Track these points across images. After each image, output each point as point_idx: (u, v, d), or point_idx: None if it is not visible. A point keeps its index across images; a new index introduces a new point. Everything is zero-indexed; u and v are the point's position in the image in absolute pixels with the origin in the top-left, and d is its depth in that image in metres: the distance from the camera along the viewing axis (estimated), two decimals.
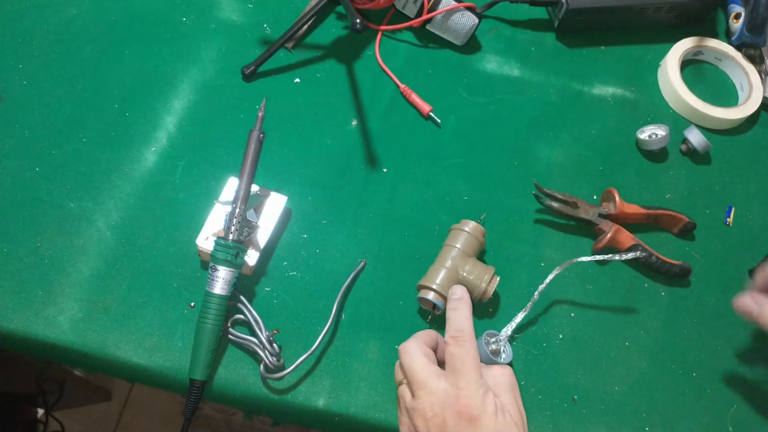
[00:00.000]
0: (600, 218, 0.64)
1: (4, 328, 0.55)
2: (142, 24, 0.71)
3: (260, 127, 0.55)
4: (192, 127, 0.66)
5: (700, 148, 0.69)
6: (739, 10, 0.78)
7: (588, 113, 0.73)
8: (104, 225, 0.60)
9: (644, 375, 0.59)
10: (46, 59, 0.67)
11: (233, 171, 0.61)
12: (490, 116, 0.71)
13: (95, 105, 0.66)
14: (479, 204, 0.66)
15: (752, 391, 0.60)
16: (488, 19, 0.78)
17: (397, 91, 0.72)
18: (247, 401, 0.56)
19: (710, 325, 0.62)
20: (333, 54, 0.73)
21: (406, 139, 0.69)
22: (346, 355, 0.57)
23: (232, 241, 0.54)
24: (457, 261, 0.57)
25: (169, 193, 0.62)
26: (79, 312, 0.56)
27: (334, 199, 0.64)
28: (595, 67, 0.76)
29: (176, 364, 0.55)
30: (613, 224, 0.63)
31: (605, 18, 0.77)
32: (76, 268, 0.58)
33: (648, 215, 0.65)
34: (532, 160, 0.69)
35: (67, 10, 0.71)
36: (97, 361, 0.55)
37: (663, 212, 0.65)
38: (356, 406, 0.55)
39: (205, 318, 0.53)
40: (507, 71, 0.75)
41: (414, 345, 0.50)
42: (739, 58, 0.77)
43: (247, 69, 0.69)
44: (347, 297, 0.60)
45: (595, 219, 0.64)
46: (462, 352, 0.48)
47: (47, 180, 0.61)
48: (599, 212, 0.64)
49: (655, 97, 0.76)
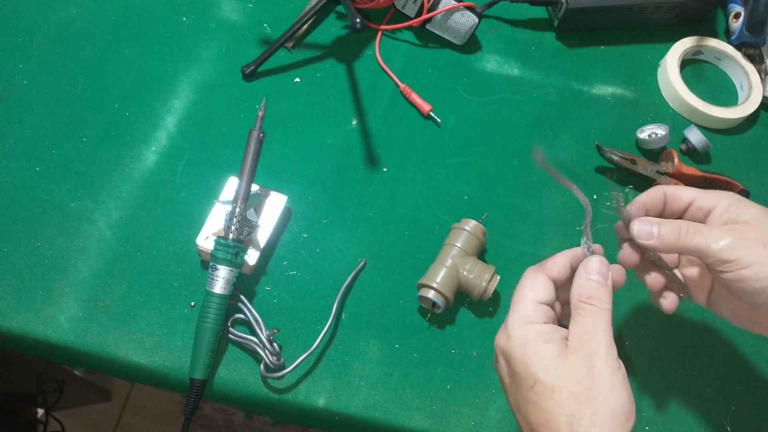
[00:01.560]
0: (658, 174, 0.66)
1: (4, 328, 0.55)
2: (142, 24, 0.71)
3: (260, 127, 0.55)
4: (192, 127, 0.66)
5: (699, 147, 0.69)
6: (739, 10, 0.78)
7: (588, 113, 0.73)
8: (104, 224, 0.60)
9: (644, 375, 0.59)
10: (46, 59, 0.67)
11: (233, 170, 0.61)
12: (490, 116, 0.72)
13: (95, 104, 0.66)
14: (479, 204, 0.66)
15: (752, 391, 0.60)
16: (488, 18, 0.78)
17: (397, 90, 0.72)
18: (247, 401, 0.56)
19: (710, 325, 0.62)
20: (333, 54, 0.73)
21: (406, 138, 0.69)
22: (346, 354, 0.57)
23: (232, 240, 0.54)
24: (458, 260, 0.57)
25: (169, 193, 0.62)
26: (79, 312, 0.56)
27: (334, 199, 0.64)
28: (595, 67, 0.77)
29: (176, 364, 0.55)
30: (672, 179, 0.65)
31: (605, 18, 0.77)
32: (76, 267, 0.58)
33: (704, 178, 0.67)
34: (532, 160, 0.69)
35: (67, 10, 0.71)
36: (97, 360, 0.55)
37: (720, 177, 0.67)
38: (356, 405, 0.55)
39: (206, 317, 0.53)
40: (507, 71, 0.75)
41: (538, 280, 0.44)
42: (738, 57, 0.77)
43: (247, 69, 0.69)
44: (347, 296, 0.60)
45: (653, 175, 0.66)
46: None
47: (47, 180, 0.61)
48: (657, 170, 0.65)
49: (655, 97, 0.76)
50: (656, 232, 0.44)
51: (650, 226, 0.44)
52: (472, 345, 0.59)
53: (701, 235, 0.42)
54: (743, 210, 0.43)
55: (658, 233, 0.44)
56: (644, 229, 0.44)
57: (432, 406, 0.56)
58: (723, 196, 0.44)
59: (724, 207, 0.44)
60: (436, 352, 0.58)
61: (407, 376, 0.57)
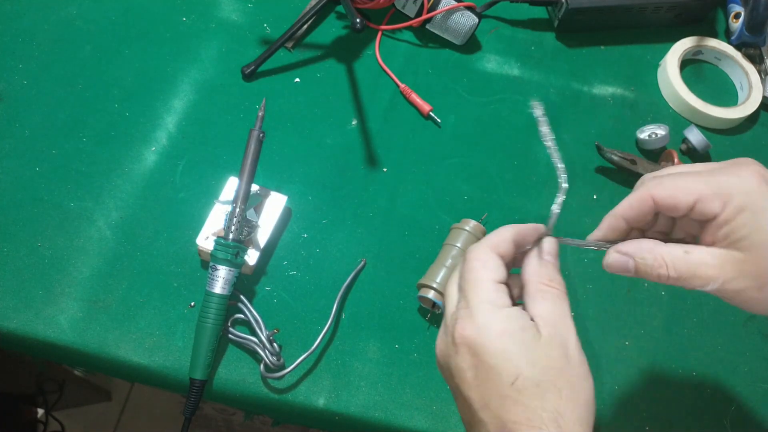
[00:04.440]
0: None
1: (4, 328, 0.55)
2: (142, 24, 0.71)
3: (260, 127, 0.55)
4: (192, 127, 0.66)
5: (699, 147, 0.69)
6: (739, 10, 0.78)
7: (588, 113, 0.73)
8: (104, 224, 0.60)
9: (644, 375, 0.59)
10: (46, 59, 0.67)
11: (233, 171, 0.61)
12: (490, 116, 0.72)
13: (95, 105, 0.66)
14: (479, 204, 0.66)
15: (752, 391, 0.60)
16: (488, 18, 0.78)
17: (397, 90, 0.72)
18: (247, 401, 0.56)
19: (710, 325, 0.62)
20: (333, 54, 0.73)
21: (406, 138, 0.69)
22: (346, 354, 0.57)
23: (232, 240, 0.54)
24: (458, 260, 0.57)
25: (169, 193, 0.62)
26: (79, 312, 0.56)
27: (334, 199, 0.64)
28: (595, 67, 0.77)
29: (176, 364, 0.55)
30: (675, 157, 0.65)
31: (605, 18, 0.77)
32: (76, 267, 0.58)
33: None
34: (532, 160, 0.69)
35: (67, 10, 0.71)
36: (97, 360, 0.55)
37: None
38: (356, 405, 0.55)
39: (206, 317, 0.53)
40: (507, 71, 0.75)
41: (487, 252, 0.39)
42: (738, 57, 0.77)
43: (247, 69, 0.69)
44: (347, 296, 0.60)
45: None
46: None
47: (47, 180, 0.61)
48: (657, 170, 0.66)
49: (655, 97, 0.76)
50: (632, 266, 0.39)
51: (626, 260, 0.39)
52: None
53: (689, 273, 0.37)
54: (751, 226, 0.36)
55: (635, 268, 0.39)
56: (619, 262, 0.39)
57: (432, 406, 0.56)
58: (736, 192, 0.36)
59: (730, 215, 0.36)
60: None
61: (407, 376, 0.57)
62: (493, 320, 0.36)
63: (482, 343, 0.36)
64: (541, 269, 0.39)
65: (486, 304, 0.37)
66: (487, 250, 0.39)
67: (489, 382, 0.36)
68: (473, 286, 0.38)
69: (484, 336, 0.36)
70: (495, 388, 0.36)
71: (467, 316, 0.37)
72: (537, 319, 0.37)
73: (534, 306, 0.38)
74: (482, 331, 0.36)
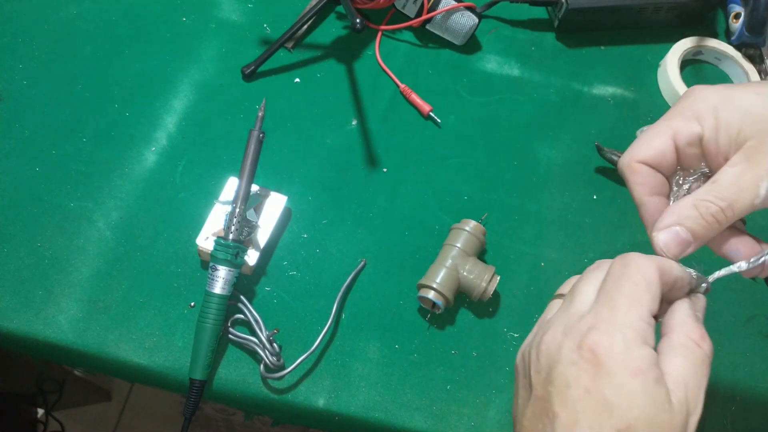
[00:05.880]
0: None
1: (4, 328, 0.55)
2: (142, 24, 0.71)
3: (260, 127, 0.55)
4: (192, 127, 0.66)
5: None
6: (739, 10, 0.78)
7: (588, 113, 0.73)
8: (104, 225, 0.60)
9: None
10: (46, 59, 0.67)
11: (233, 171, 0.61)
12: (490, 116, 0.72)
13: (95, 105, 0.66)
14: (479, 204, 0.66)
15: (752, 391, 0.60)
16: (488, 18, 0.78)
17: (397, 90, 0.72)
18: (247, 401, 0.56)
19: (710, 325, 0.62)
20: (333, 54, 0.73)
21: (406, 139, 0.69)
22: (346, 354, 0.57)
23: (232, 240, 0.54)
24: (458, 260, 0.57)
25: (169, 193, 0.62)
26: (79, 312, 0.56)
27: (334, 199, 0.64)
28: (595, 67, 0.77)
29: (176, 364, 0.55)
30: None
31: (605, 18, 0.77)
32: (76, 267, 0.58)
33: None
34: (532, 160, 0.69)
35: (67, 10, 0.71)
36: (97, 361, 0.55)
37: None
38: (356, 405, 0.55)
39: (205, 318, 0.53)
40: (507, 71, 0.75)
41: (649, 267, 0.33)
42: (738, 58, 0.77)
43: (247, 69, 0.69)
44: (347, 297, 0.60)
45: None
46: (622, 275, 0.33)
47: (47, 180, 0.61)
48: None
49: (655, 97, 0.76)
50: (684, 232, 0.35)
51: (675, 231, 0.35)
52: (472, 345, 0.59)
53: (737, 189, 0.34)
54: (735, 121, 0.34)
55: (688, 230, 0.35)
56: (669, 234, 0.35)
57: (432, 407, 0.56)
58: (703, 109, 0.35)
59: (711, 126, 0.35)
60: (435, 353, 0.58)
61: (407, 377, 0.57)
62: (634, 356, 0.31)
63: (614, 371, 0.31)
64: (694, 322, 0.35)
65: (633, 331, 0.32)
66: (655, 270, 0.34)
67: (592, 414, 0.31)
68: (628, 305, 0.33)
69: (619, 365, 0.31)
70: (596, 424, 0.31)
71: (607, 332, 0.32)
72: (668, 378, 0.32)
73: (670, 361, 0.33)
74: (618, 358, 0.31)
